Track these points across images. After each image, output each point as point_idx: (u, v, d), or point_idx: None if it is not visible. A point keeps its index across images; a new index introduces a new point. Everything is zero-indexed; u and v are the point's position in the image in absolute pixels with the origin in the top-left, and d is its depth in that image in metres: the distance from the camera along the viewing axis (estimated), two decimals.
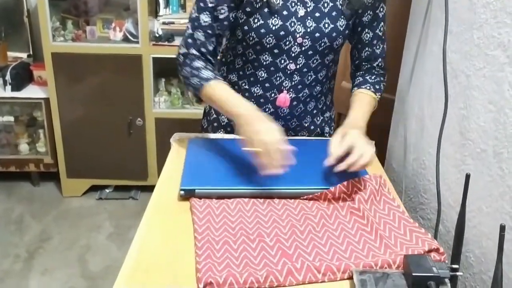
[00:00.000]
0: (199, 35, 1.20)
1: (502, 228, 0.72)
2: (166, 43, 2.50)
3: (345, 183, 1.05)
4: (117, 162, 2.72)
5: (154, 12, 2.59)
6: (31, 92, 2.68)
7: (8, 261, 2.26)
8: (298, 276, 0.82)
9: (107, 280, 2.16)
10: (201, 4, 1.19)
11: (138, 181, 2.78)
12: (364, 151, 1.03)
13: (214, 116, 1.39)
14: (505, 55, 0.95)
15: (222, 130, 1.37)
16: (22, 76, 2.70)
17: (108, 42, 2.53)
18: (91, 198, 2.80)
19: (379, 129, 1.76)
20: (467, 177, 0.84)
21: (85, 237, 2.46)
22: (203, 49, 1.21)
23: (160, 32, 2.52)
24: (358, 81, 1.32)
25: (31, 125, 2.81)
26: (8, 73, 2.59)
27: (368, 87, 1.29)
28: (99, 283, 2.15)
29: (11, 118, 2.79)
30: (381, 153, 1.52)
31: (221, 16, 1.19)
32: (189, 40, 1.21)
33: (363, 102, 1.26)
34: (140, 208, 2.63)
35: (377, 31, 1.28)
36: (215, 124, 1.39)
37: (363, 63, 1.33)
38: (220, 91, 1.15)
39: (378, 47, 1.30)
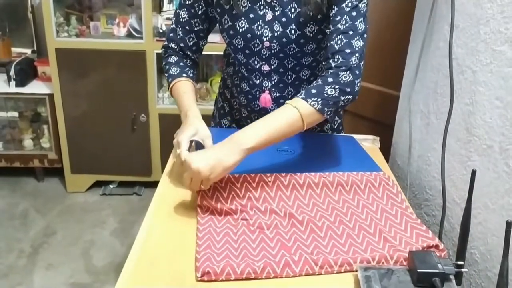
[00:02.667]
0: (179, 30, 1.24)
1: (508, 225, 0.71)
2: None
3: (342, 173, 1.08)
4: (121, 158, 2.72)
5: (158, 7, 2.59)
6: (35, 87, 2.68)
7: (13, 256, 2.27)
8: (295, 268, 0.83)
9: (111, 275, 2.16)
10: (181, 1, 1.22)
11: (142, 177, 2.79)
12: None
13: (227, 108, 1.41)
14: None
15: (228, 117, 1.41)
16: (26, 72, 2.70)
17: (112, 38, 2.53)
18: (95, 194, 2.81)
19: (383, 125, 1.75)
20: (473, 173, 0.83)
21: (89, 233, 2.47)
22: (182, 44, 1.25)
23: (164, 28, 2.52)
24: (311, 85, 1.05)
25: (35, 121, 2.81)
26: (12, 69, 2.59)
27: (302, 95, 1.02)
28: (103, 278, 2.15)
29: (16, 114, 2.80)
30: (386, 150, 1.51)
31: (199, 12, 1.22)
32: (171, 34, 1.26)
33: (281, 116, 1.00)
34: (144, 204, 2.64)
35: (339, 25, 1.05)
36: (221, 111, 1.42)
37: (324, 60, 1.08)
38: (178, 92, 1.19)
39: (338, 42, 1.04)
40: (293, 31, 1.13)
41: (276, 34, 1.14)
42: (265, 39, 1.15)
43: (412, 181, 1.40)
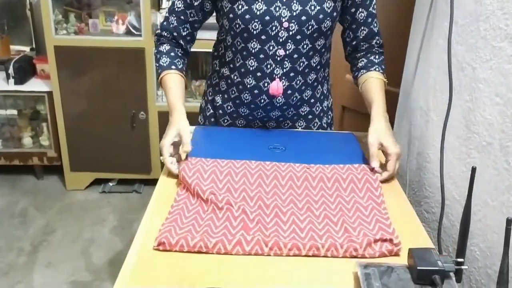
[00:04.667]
0: (173, 19, 1.28)
1: (509, 222, 0.71)
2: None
3: (327, 166, 1.11)
4: (121, 155, 2.72)
5: (156, 4, 2.58)
6: (34, 85, 2.68)
7: (12, 254, 2.27)
8: (245, 247, 0.87)
9: (111, 273, 2.16)
10: None
11: (141, 174, 2.79)
12: (397, 161, 1.14)
13: (211, 111, 1.39)
14: None
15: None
16: (25, 70, 2.70)
17: (111, 35, 2.53)
18: (94, 192, 2.81)
19: None
20: (473, 170, 0.83)
21: (89, 231, 2.47)
22: (175, 33, 1.28)
23: None
24: (363, 62, 1.31)
25: (34, 119, 2.81)
26: (11, 66, 2.59)
27: (377, 69, 1.29)
28: (103, 276, 2.16)
29: (15, 112, 2.80)
30: None
31: (195, 3, 1.25)
32: (164, 23, 1.29)
33: (379, 88, 1.25)
34: (143, 202, 2.64)
35: (371, 8, 1.27)
36: (212, 119, 1.40)
37: (361, 43, 1.31)
38: (165, 86, 1.25)
39: (374, 25, 1.29)
40: (312, 7, 1.17)
41: (294, 14, 1.17)
42: (283, 19, 1.18)
43: (412, 178, 1.40)
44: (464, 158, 1.11)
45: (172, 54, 1.28)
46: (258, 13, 1.17)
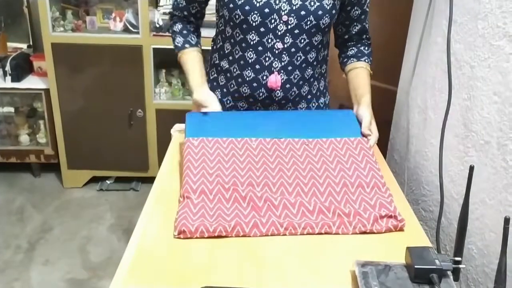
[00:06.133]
0: (182, 0, 1.33)
1: (507, 221, 0.71)
2: (166, 33, 2.48)
3: (325, 139, 1.14)
4: (118, 153, 2.71)
5: (154, 2, 2.57)
6: (31, 83, 2.66)
7: (9, 252, 2.26)
8: (262, 229, 0.91)
9: (108, 271, 2.16)
10: None
11: (139, 172, 2.78)
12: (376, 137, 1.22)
13: None
14: (511, 45, 0.94)
15: None
16: (22, 67, 2.68)
17: (108, 33, 2.51)
18: (92, 189, 2.80)
19: (381, 120, 1.75)
20: (471, 169, 0.83)
21: (86, 228, 2.46)
22: (185, 12, 1.34)
23: (161, 23, 2.50)
24: (353, 51, 1.37)
25: (31, 116, 2.80)
26: (8, 64, 2.57)
27: (366, 60, 1.36)
28: (100, 274, 2.15)
29: (12, 109, 2.78)
30: (383, 145, 1.51)
31: None
32: (175, 3, 1.35)
33: (368, 80, 1.33)
34: (141, 200, 2.63)
35: (365, 7, 1.31)
36: None
37: (353, 37, 1.36)
38: (184, 65, 1.34)
39: (366, 21, 1.34)
40: (312, 3, 1.19)
41: (294, 8, 1.19)
42: (283, 13, 1.19)
43: (410, 177, 1.40)
44: (462, 157, 1.11)
45: (185, 32, 1.35)
46: (258, 5, 1.18)
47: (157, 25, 2.50)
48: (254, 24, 1.20)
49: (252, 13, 1.19)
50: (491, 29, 1.01)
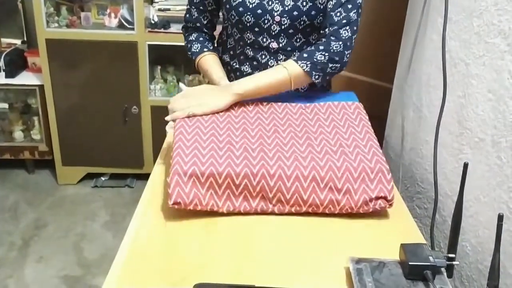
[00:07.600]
0: (193, 11, 1.33)
1: (500, 218, 0.71)
2: (162, 30, 2.47)
3: (322, 104, 1.14)
4: (113, 150, 2.70)
5: None
6: (25, 79, 2.65)
7: (3, 249, 2.25)
8: (252, 203, 0.94)
9: (102, 268, 2.15)
10: None
11: (133, 169, 2.77)
12: None
13: None
14: (506, 43, 0.94)
15: None
16: (16, 63, 2.67)
17: (103, 29, 2.50)
18: (86, 186, 2.79)
19: (376, 118, 1.75)
20: (465, 166, 0.83)
21: (81, 225, 2.45)
22: (198, 24, 1.34)
23: (156, 19, 2.49)
24: (304, 50, 1.16)
25: (25, 112, 2.78)
26: (2, 59, 2.56)
27: (303, 64, 1.12)
28: (94, 271, 2.15)
29: (5, 105, 2.76)
30: (378, 142, 1.51)
31: None
32: (187, 16, 1.36)
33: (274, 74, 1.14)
34: (135, 196, 2.63)
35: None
36: None
37: (322, 30, 1.17)
38: (204, 68, 1.29)
39: (338, 13, 1.14)
40: (304, 3, 1.17)
41: (286, 8, 1.18)
42: (275, 13, 1.19)
43: (404, 174, 1.40)
44: (457, 154, 1.12)
45: (201, 39, 1.34)
46: (250, 6, 1.19)
47: (152, 22, 2.48)
48: (248, 24, 1.21)
49: (246, 14, 1.20)
50: (486, 27, 1.01)
